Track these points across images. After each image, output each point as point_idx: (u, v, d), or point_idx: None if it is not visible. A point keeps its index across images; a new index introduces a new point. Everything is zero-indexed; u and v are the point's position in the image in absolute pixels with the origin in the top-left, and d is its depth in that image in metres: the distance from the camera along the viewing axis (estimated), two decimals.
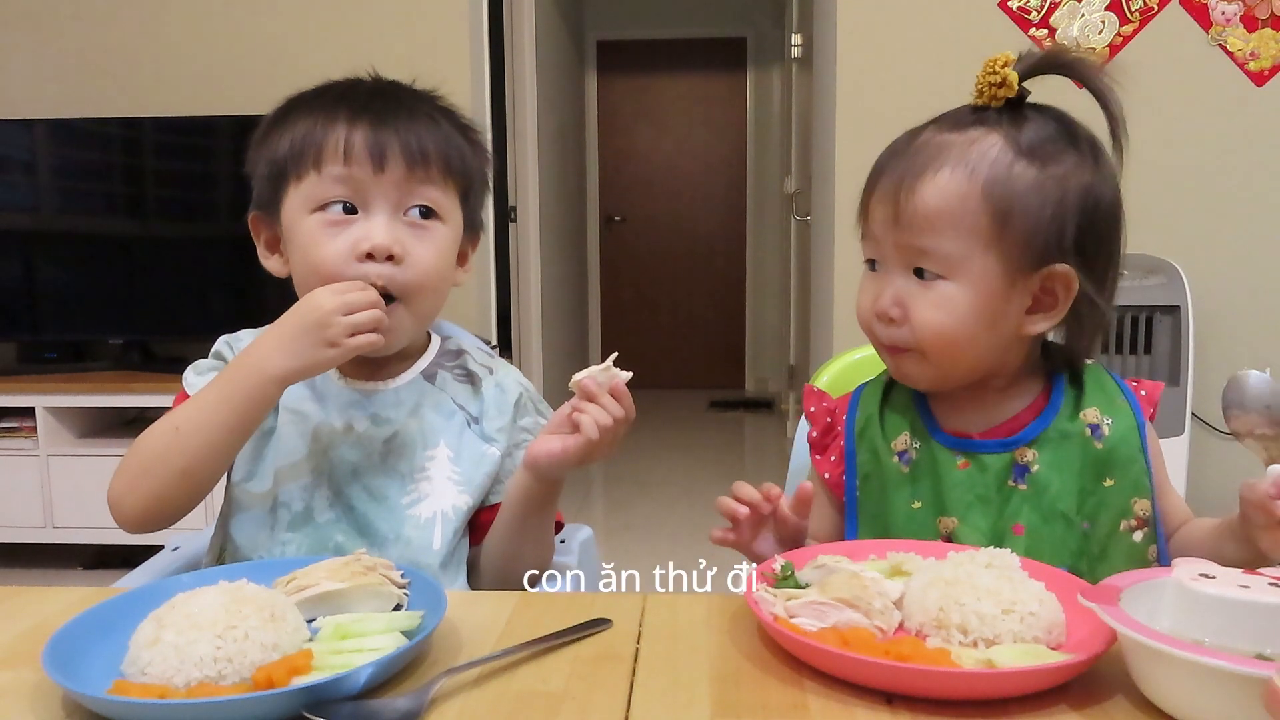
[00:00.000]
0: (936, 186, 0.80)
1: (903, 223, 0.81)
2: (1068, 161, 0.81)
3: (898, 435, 0.90)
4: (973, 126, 0.82)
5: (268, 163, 0.94)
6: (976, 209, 0.80)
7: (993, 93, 0.82)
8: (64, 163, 2.90)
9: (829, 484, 0.93)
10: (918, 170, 0.81)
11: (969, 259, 0.81)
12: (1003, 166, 0.80)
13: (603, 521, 3.36)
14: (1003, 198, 0.80)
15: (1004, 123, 0.82)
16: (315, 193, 0.91)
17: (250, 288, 2.89)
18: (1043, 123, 0.83)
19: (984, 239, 0.80)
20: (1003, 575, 0.67)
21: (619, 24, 5.64)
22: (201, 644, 0.61)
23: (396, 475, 0.94)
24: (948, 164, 0.81)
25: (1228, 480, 2.79)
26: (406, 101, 0.95)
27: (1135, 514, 0.85)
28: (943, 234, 0.80)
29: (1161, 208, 2.80)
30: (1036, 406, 0.88)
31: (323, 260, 0.90)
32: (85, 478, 2.69)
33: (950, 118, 0.85)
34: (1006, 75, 0.81)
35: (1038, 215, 0.80)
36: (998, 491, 0.85)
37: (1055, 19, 2.79)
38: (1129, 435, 0.86)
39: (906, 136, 0.86)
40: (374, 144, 0.90)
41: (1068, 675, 0.60)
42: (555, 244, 4.43)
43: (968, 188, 0.80)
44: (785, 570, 0.74)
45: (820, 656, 0.62)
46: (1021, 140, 0.81)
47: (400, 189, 0.91)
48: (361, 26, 2.91)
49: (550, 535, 0.97)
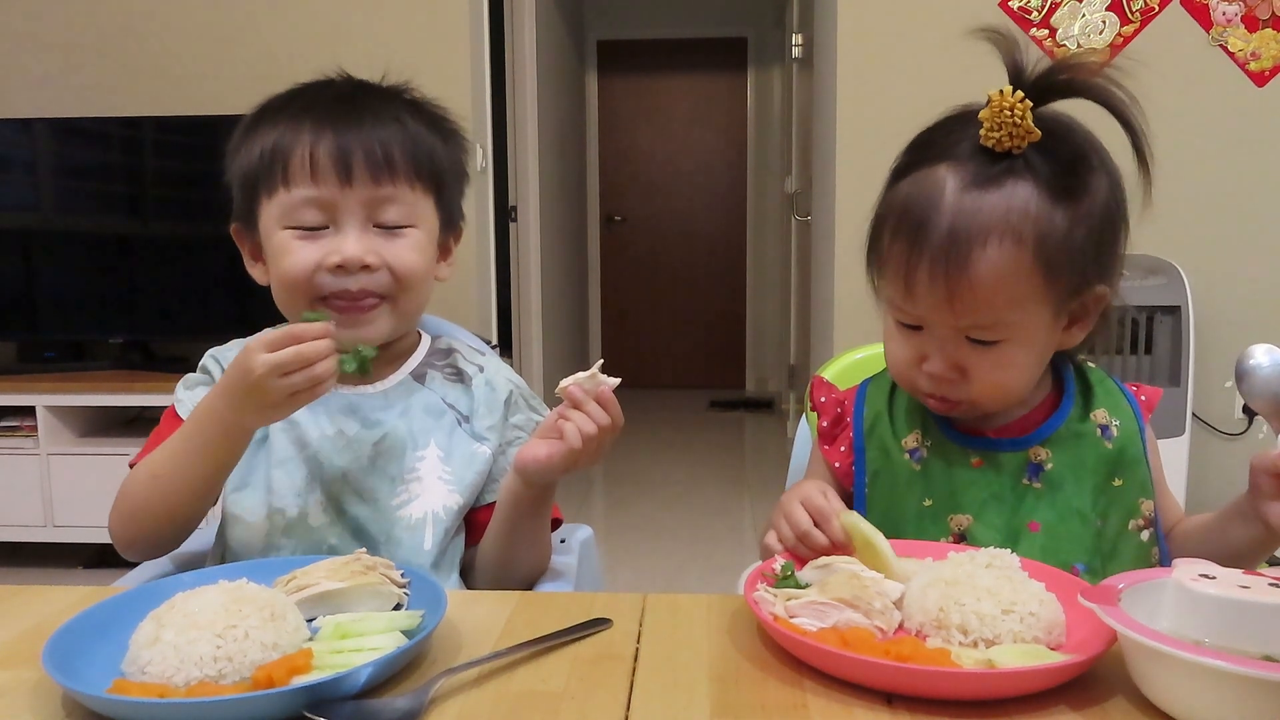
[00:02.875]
0: (989, 264, 0.76)
1: (958, 307, 0.78)
2: (1094, 184, 0.79)
3: (909, 433, 0.90)
4: (1002, 179, 0.76)
5: (240, 174, 0.95)
6: (1030, 273, 0.77)
7: (1014, 142, 0.76)
8: (64, 163, 2.90)
9: (839, 473, 0.94)
10: (964, 250, 0.76)
11: (1026, 319, 0.79)
12: (1046, 220, 0.76)
13: (603, 521, 3.36)
14: (1052, 253, 0.77)
15: (1031, 163, 0.77)
16: (286, 210, 0.91)
17: (250, 288, 2.89)
18: (1063, 146, 0.78)
19: (1038, 295, 0.78)
20: (1003, 575, 0.67)
21: (619, 24, 5.64)
22: (201, 643, 0.61)
23: (386, 477, 0.94)
24: (994, 235, 0.76)
25: (1228, 480, 2.80)
26: (372, 105, 0.94)
27: (1142, 513, 0.86)
28: (1001, 309, 0.78)
29: (1161, 208, 2.78)
30: (1047, 405, 0.88)
31: (293, 270, 0.91)
32: (85, 477, 2.69)
33: (971, 166, 0.77)
34: (1027, 124, 0.75)
35: (1081, 252, 0.78)
36: (1012, 489, 0.85)
37: (1056, 19, 2.79)
38: (1134, 437, 0.87)
39: (926, 192, 0.78)
40: (339, 158, 0.90)
41: (1068, 675, 0.60)
42: (555, 244, 4.43)
43: (1020, 256, 0.76)
44: (785, 570, 0.74)
45: (820, 656, 0.62)
46: (1053, 179, 0.77)
47: (368, 202, 0.91)
48: (361, 27, 2.91)
49: (545, 538, 0.97)
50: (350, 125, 0.91)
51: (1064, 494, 0.85)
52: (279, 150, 0.91)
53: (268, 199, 0.92)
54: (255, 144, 0.93)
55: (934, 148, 0.80)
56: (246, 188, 0.94)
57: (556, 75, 4.48)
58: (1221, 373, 2.83)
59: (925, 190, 0.78)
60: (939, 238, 0.76)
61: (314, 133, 0.91)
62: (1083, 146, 0.80)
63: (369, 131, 0.91)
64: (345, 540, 0.92)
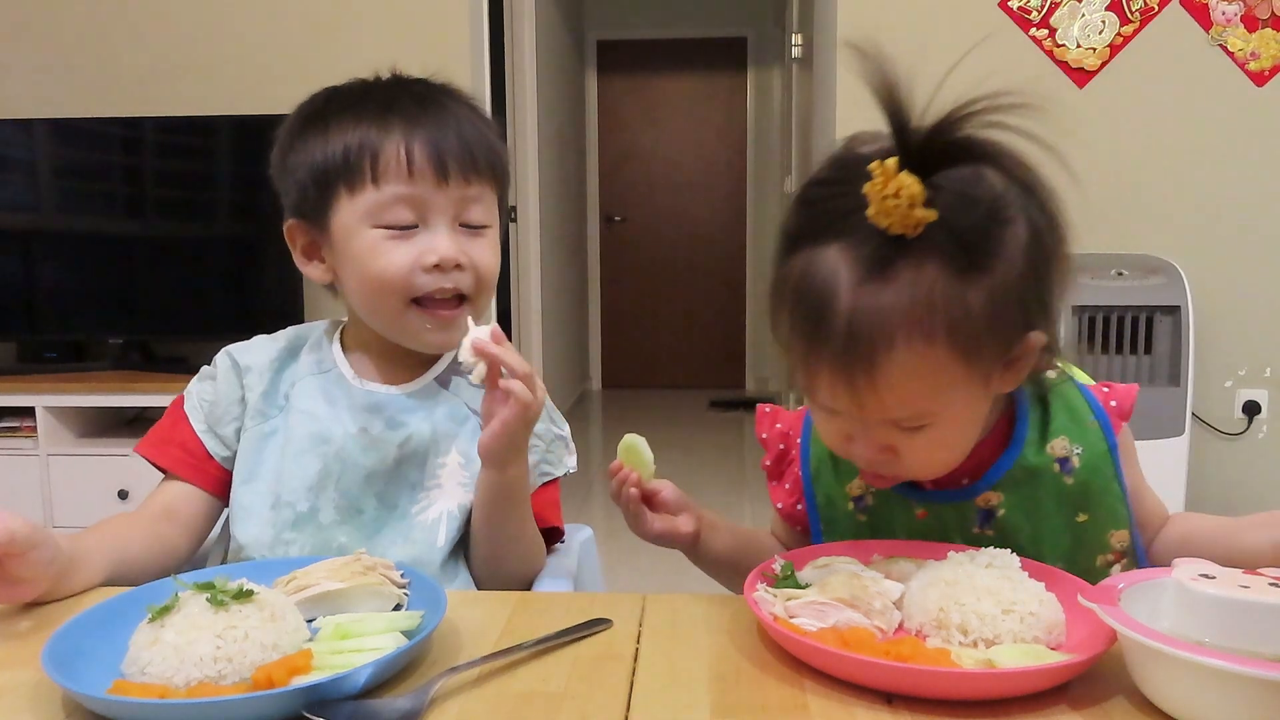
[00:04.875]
0: (898, 368, 0.66)
1: (871, 409, 0.69)
2: (1011, 238, 0.67)
3: (851, 479, 0.84)
4: (901, 266, 0.65)
5: (310, 169, 0.92)
6: (947, 363, 0.67)
7: (906, 229, 0.64)
8: (64, 163, 2.90)
9: (782, 514, 0.90)
10: (866, 354, 0.66)
11: (951, 402, 0.70)
12: (956, 305, 0.65)
13: (603, 521, 3.35)
14: (969, 338, 0.67)
15: (932, 239, 0.64)
16: (376, 208, 0.90)
17: (250, 288, 2.89)
18: (968, 213, 0.65)
19: (960, 379, 0.69)
20: (1003, 575, 0.67)
21: (619, 24, 5.64)
22: (201, 644, 0.61)
23: (407, 484, 0.95)
24: (899, 335, 0.65)
25: (1227, 480, 2.80)
26: (450, 105, 0.94)
27: (1112, 548, 0.81)
28: (920, 404, 0.69)
29: (1161, 208, 2.80)
30: (997, 438, 0.80)
31: (389, 270, 0.90)
32: (85, 478, 2.68)
33: (865, 250, 0.66)
34: (918, 214, 0.63)
35: (1003, 319, 0.67)
36: (962, 538, 0.80)
37: (1055, 19, 2.79)
38: (1100, 464, 0.79)
39: (820, 280, 0.67)
40: (435, 157, 0.89)
41: (1068, 675, 0.60)
42: (555, 244, 4.43)
43: (932, 352, 0.66)
44: (785, 570, 0.74)
45: (820, 657, 0.62)
46: (960, 254, 0.65)
47: (458, 201, 0.91)
48: (361, 27, 2.91)
49: (529, 535, 0.95)
50: (441, 124, 0.91)
51: (1020, 539, 0.79)
52: (367, 147, 0.89)
53: (349, 196, 0.90)
54: (330, 140, 0.91)
55: (823, 215, 0.69)
56: (319, 183, 0.91)
57: (556, 75, 4.48)
58: (1221, 373, 2.83)
59: (819, 277, 0.67)
60: (838, 340, 0.67)
61: (406, 131, 0.89)
62: (993, 202, 0.66)
63: (457, 130, 0.91)
64: (356, 540, 0.92)
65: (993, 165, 0.66)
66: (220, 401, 0.97)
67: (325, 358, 0.99)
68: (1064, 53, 2.80)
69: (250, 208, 2.80)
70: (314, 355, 1.00)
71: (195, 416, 0.98)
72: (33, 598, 0.76)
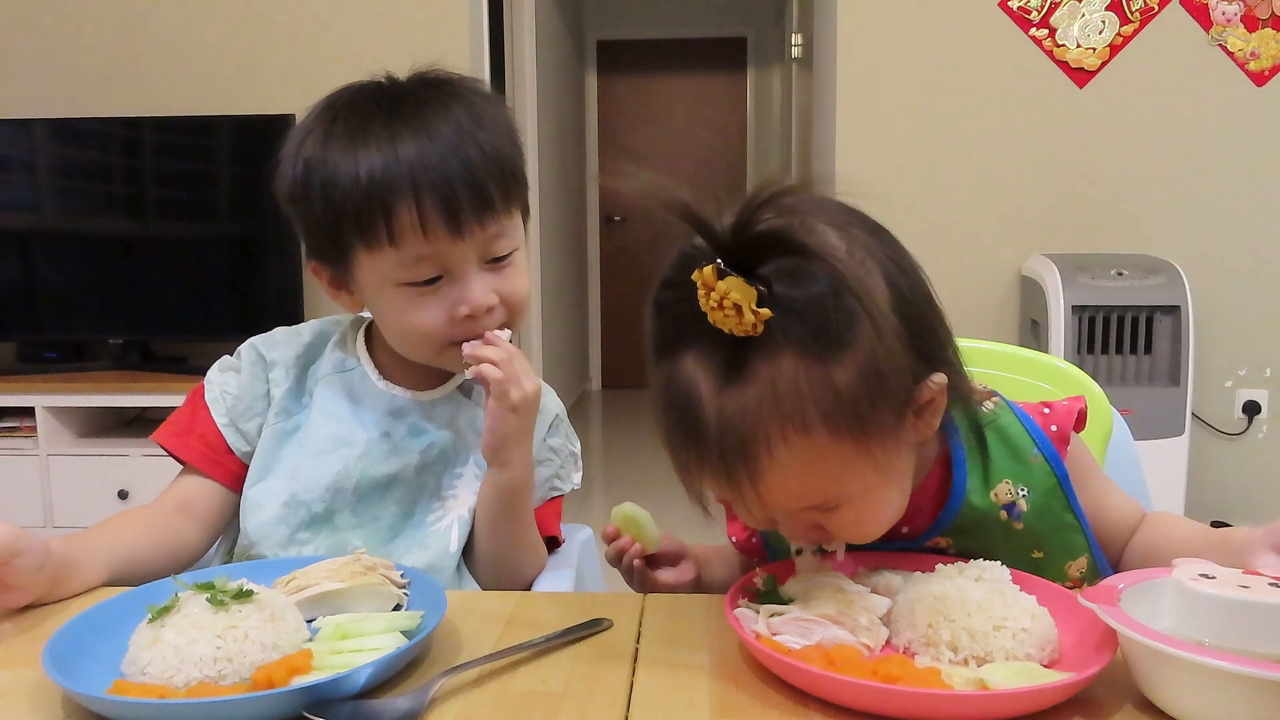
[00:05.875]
0: (781, 466, 0.63)
1: (775, 504, 0.66)
2: (863, 294, 0.62)
3: None
4: (755, 365, 0.62)
5: (323, 222, 0.87)
6: (835, 445, 0.63)
7: (745, 330, 0.60)
8: (64, 163, 2.90)
9: (738, 546, 0.88)
10: (747, 461, 0.63)
11: (858, 476, 0.66)
12: (824, 388, 0.61)
13: (603, 522, 3.35)
14: (847, 414, 0.62)
15: (781, 329, 0.61)
16: (398, 267, 0.86)
17: (250, 288, 2.89)
18: (809, 298, 0.61)
19: (858, 453, 0.64)
20: (993, 589, 0.65)
21: (619, 24, 5.64)
22: (201, 644, 0.61)
23: (425, 493, 0.95)
24: (774, 435, 0.62)
25: (1227, 480, 2.79)
26: (455, 113, 0.88)
27: (1071, 577, 0.79)
28: (820, 491, 0.66)
29: (1161, 208, 2.81)
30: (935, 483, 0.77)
31: (423, 328, 0.88)
32: (85, 478, 2.68)
33: (717, 356, 0.63)
34: (748, 319, 0.60)
35: (884, 382, 0.63)
36: None
37: (1055, 19, 2.79)
38: (1049, 501, 0.76)
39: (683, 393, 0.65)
40: (448, 212, 0.84)
41: (1063, 696, 0.58)
42: (555, 244, 4.43)
43: (813, 441, 0.62)
44: (767, 585, 0.72)
45: (804, 678, 0.59)
46: (811, 334, 0.61)
47: (481, 244, 0.88)
48: (361, 28, 2.91)
49: (530, 539, 0.96)
50: (448, 154, 0.85)
51: None
52: (378, 204, 0.84)
53: (368, 253, 0.86)
54: (341, 186, 0.85)
55: (672, 323, 0.68)
56: (333, 230, 0.87)
57: (556, 75, 4.48)
58: (1221, 373, 2.83)
59: (681, 391, 0.65)
60: (713, 451, 0.64)
61: (414, 177, 0.84)
62: (832, 278, 0.61)
63: (466, 169, 0.85)
64: (371, 545, 0.91)
65: (817, 239, 0.62)
66: (244, 396, 0.96)
67: (349, 356, 0.98)
68: (1064, 53, 2.80)
69: (250, 208, 2.80)
70: (338, 353, 0.98)
71: (217, 408, 0.96)
72: (25, 603, 0.76)
